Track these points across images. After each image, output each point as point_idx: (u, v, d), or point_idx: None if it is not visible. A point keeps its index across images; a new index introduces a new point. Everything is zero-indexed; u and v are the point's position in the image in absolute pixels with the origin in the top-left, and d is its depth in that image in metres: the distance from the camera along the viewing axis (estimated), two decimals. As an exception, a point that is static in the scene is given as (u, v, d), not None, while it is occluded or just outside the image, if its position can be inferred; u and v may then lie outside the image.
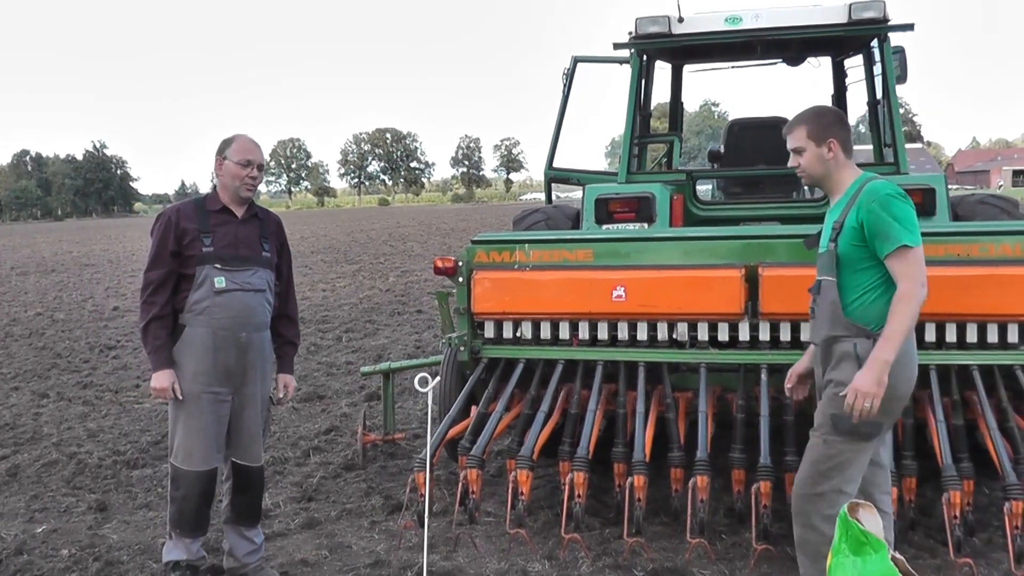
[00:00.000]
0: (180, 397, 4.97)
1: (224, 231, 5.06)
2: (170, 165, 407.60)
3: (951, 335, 5.55)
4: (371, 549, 5.70)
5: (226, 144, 5.12)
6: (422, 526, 5.02)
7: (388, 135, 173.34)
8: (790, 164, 4.51)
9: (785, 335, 5.73)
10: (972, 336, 5.54)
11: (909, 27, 7.85)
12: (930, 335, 5.57)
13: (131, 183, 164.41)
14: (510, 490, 5.31)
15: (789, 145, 4.47)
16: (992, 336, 5.53)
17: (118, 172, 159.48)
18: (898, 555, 3.86)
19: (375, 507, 6.43)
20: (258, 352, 5.14)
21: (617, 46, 8.46)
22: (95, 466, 7.60)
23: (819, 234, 4.56)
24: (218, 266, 4.98)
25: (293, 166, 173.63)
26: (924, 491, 5.61)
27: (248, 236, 5.14)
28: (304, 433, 8.50)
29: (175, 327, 5.03)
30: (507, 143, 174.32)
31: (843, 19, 7.83)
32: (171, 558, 5.16)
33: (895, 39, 8.02)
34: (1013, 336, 5.52)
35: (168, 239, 4.98)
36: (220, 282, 4.97)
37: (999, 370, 5.52)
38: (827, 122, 4.43)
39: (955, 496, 4.81)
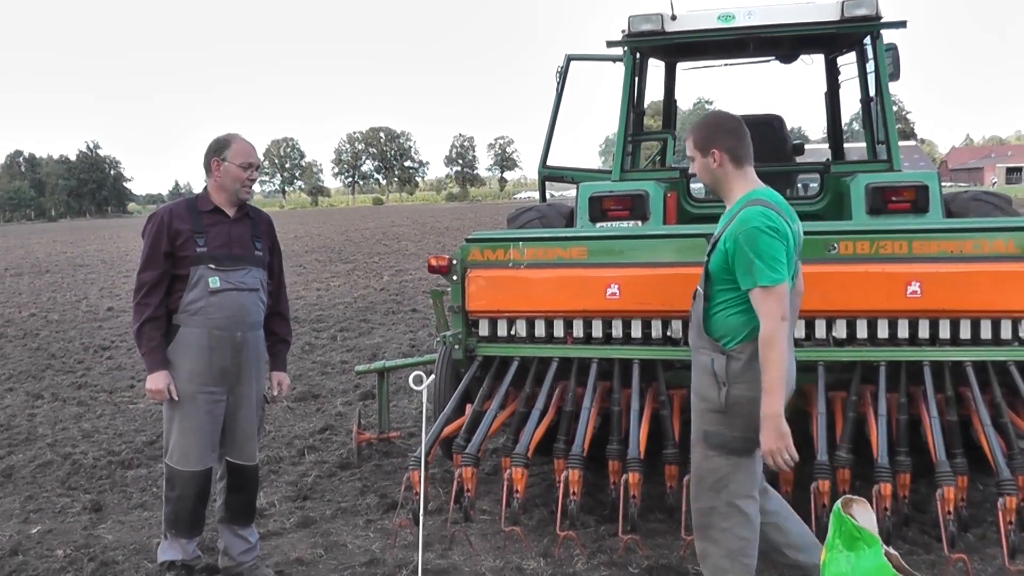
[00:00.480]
0: (176, 398, 4.97)
1: (217, 231, 5.06)
2: (164, 165, 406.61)
3: (945, 331, 5.56)
4: (366, 547, 5.70)
5: (223, 146, 5.10)
6: (417, 524, 5.02)
7: (382, 134, 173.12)
8: (689, 172, 4.50)
9: (779, 332, 5.73)
10: (966, 332, 5.55)
11: (902, 24, 7.87)
12: (924, 331, 5.59)
13: (125, 183, 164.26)
14: (505, 488, 5.30)
15: (686, 153, 4.45)
16: (986, 332, 5.54)
17: (111, 172, 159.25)
18: (892, 550, 3.88)
19: (370, 506, 6.43)
20: (253, 351, 5.15)
21: (610, 44, 8.47)
22: (90, 466, 7.59)
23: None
24: (212, 266, 4.98)
25: (287, 165, 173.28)
26: (918, 487, 5.62)
27: (240, 235, 5.14)
28: (299, 432, 8.50)
29: (169, 328, 5.03)
30: (501, 142, 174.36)
31: (836, 16, 7.85)
32: (166, 558, 5.16)
33: (888, 36, 8.04)
34: (1006, 332, 5.54)
35: (161, 240, 4.98)
36: (214, 282, 4.97)
37: (993, 366, 5.52)
38: (712, 132, 4.35)
39: (949, 492, 4.80)
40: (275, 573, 5.32)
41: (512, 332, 6.18)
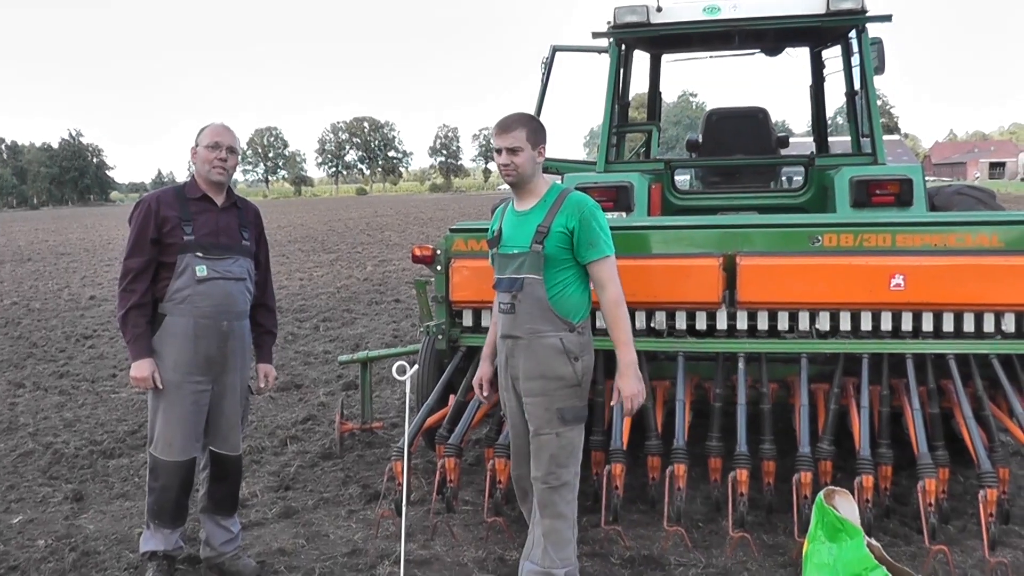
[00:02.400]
0: (160, 386, 4.94)
1: (204, 219, 5.03)
2: (146, 154, 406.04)
3: (927, 324, 5.58)
4: (348, 538, 5.69)
5: (199, 132, 5.12)
6: (399, 515, 5.02)
7: (366, 124, 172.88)
8: (501, 161, 4.64)
9: (762, 324, 5.75)
10: (948, 325, 5.58)
11: (887, 18, 7.88)
12: (907, 324, 5.60)
13: (107, 171, 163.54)
14: (488, 478, 5.31)
15: (506, 143, 4.62)
16: (968, 325, 5.56)
17: (94, 160, 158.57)
18: (874, 542, 3.90)
19: (352, 496, 6.42)
20: (238, 341, 5.13)
21: (596, 35, 8.46)
22: (71, 456, 7.56)
23: (499, 234, 4.78)
24: (199, 254, 4.95)
25: (270, 155, 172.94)
26: (899, 479, 5.65)
27: (228, 225, 5.11)
28: (281, 422, 8.48)
29: (154, 316, 5.00)
30: (486, 132, 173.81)
31: (821, 10, 7.86)
32: (148, 548, 5.12)
33: (873, 30, 8.05)
34: (989, 325, 5.56)
35: (148, 226, 4.94)
36: (201, 270, 4.94)
37: (975, 359, 5.55)
38: (539, 128, 4.70)
39: (930, 484, 4.83)
40: (257, 563, 5.30)
41: (496, 322, 6.17)
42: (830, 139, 10.21)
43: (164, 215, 4.95)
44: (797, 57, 9.55)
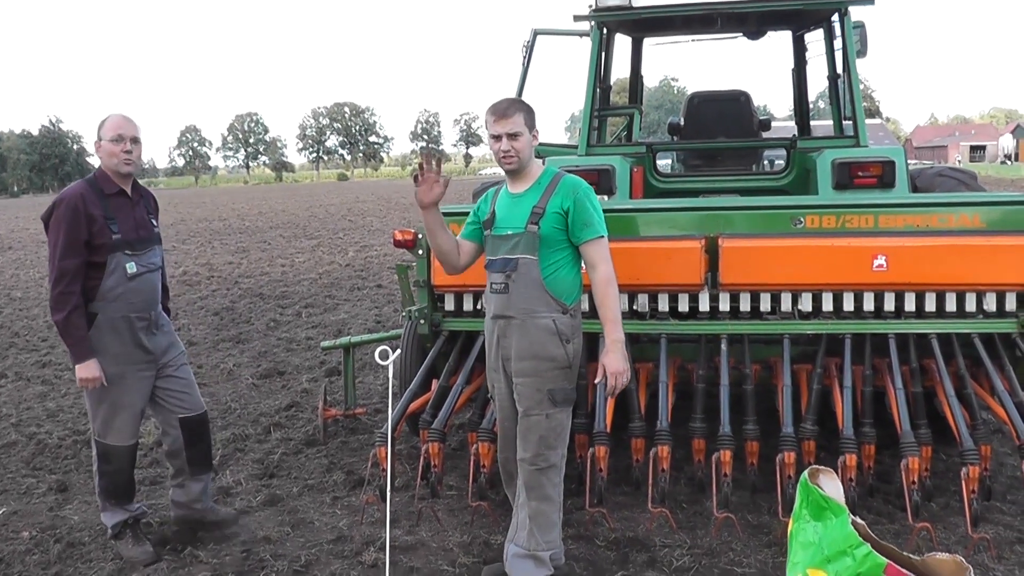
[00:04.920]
0: (107, 383, 5.05)
1: (124, 215, 5.12)
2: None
3: (910, 304, 5.61)
4: (333, 525, 5.69)
5: (100, 126, 5.13)
6: (384, 501, 5.01)
7: (346, 109, 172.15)
8: (502, 148, 4.66)
9: (745, 305, 5.76)
10: (931, 305, 5.60)
11: (869, 1, 7.88)
12: (889, 304, 5.62)
13: (87, 158, 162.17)
14: (472, 463, 5.32)
15: (507, 129, 4.63)
16: (950, 305, 5.59)
17: (74, 147, 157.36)
18: (858, 520, 3.91)
19: (337, 483, 6.41)
20: (165, 322, 5.36)
21: (577, 18, 8.44)
22: (55, 446, 7.53)
23: (491, 216, 4.81)
24: (128, 252, 5.08)
25: (251, 141, 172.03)
26: (883, 458, 5.68)
27: (141, 216, 5.25)
28: (264, 409, 8.46)
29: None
30: (466, 117, 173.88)
31: None
32: (117, 520, 5.30)
33: (855, 14, 8.05)
34: (971, 305, 5.59)
35: (80, 227, 4.95)
36: (131, 268, 5.09)
37: (957, 338, 5.58)
38: (532, 112, 4.74)
39: (913, 462, 4.87)
40: (242, 552, 5.30)
41: (478, 307, 6.17)
42: (812, 123, 10.22)
43: (91, 214, 5.00)
44: (779, 41, 9.55)
